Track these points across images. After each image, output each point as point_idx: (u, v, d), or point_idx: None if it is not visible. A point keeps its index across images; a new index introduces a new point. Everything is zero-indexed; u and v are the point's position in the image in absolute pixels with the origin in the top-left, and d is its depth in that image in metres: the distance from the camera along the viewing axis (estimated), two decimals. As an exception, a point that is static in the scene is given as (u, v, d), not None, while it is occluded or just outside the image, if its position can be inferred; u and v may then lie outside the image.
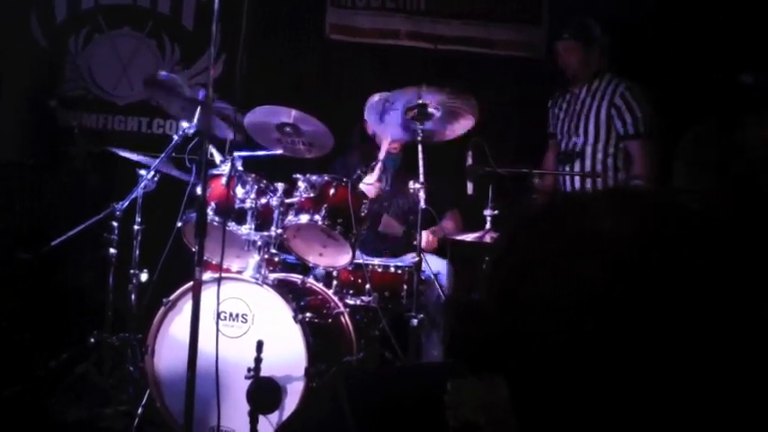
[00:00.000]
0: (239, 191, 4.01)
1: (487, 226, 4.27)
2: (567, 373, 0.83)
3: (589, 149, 4.90)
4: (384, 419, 2.65)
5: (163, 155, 4.17)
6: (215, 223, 3.85)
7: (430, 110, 4.14)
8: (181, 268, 3.84)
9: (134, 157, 4.30)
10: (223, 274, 3.76)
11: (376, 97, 4.30)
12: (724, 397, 0.80)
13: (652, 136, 4.79)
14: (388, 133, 4.55)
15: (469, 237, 4.31)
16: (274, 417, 3.62)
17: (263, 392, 3.56)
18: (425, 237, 4.49)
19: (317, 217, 4.01)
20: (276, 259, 4.30)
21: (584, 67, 4.92)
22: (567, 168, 5.00)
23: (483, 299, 0.96)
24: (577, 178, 4.98)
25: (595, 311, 0.81)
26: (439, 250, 4.79)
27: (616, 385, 0.81)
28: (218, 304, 3.45)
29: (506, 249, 0.95)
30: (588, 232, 0.86)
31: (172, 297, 3.84)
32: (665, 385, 0.79)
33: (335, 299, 4.18)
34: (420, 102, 4.09)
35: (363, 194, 4.23)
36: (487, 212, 4.28)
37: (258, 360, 3.53)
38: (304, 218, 4.02)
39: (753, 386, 0.80)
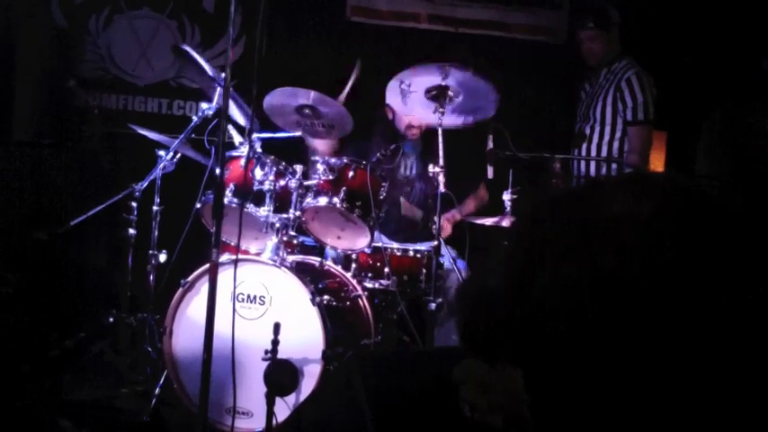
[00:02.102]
0: (258, 173, 3.99)
1: (506, 210, 4.25)
2: (581, 360, 0.81)
3: (596, 133, 4.94)
4: (398, 403, 2.65)
5: (182, 136, 4.16)
6: (233, 205, 3.85)
7: (451, 92, 4.11)
8: (199, 249, 3.84)
9: (152, 135, 4.30)
10: (241, 256, 3.76)
11: (394, 79, 4.27)
12: (736, 382, 0.79)
13: (650, 123, 4.83)
14: (412, 114, 4.54)
15: (488, 221, 4.28)
16: (291, 399, 3.63)
17: (280, 374, 3.55)
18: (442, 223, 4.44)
19: (335, 199, 3.99)
20: (294, 242, 4.30)
21: (607, 54, 4.98)
22: (577, 152, 4.99)
23: (496, 284, 0.94)
24: (584, 162, 4.95)
25: (610, 296, 0.80)
26: (453, 239, 4.75)
27: (628, 370, 0.79)
28: (235, 286, 3.43)
29: (522, 235, 0.93)
30: (605, 217, 0.85)
31: (190, 278, 3.84)
32: (679, 371, 0.78)
33: (354, 282, 4.17)
34: (442, 83, 4.07)
35: (382, 177, 4.21)
36: (506, 196, 4.26)
37: (275, 342, 3.52)
38: (323, 200, 4.01)
39: (761, 372, 0.79)
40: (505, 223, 4.16)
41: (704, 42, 5.32)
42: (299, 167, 4.06)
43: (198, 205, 4.02)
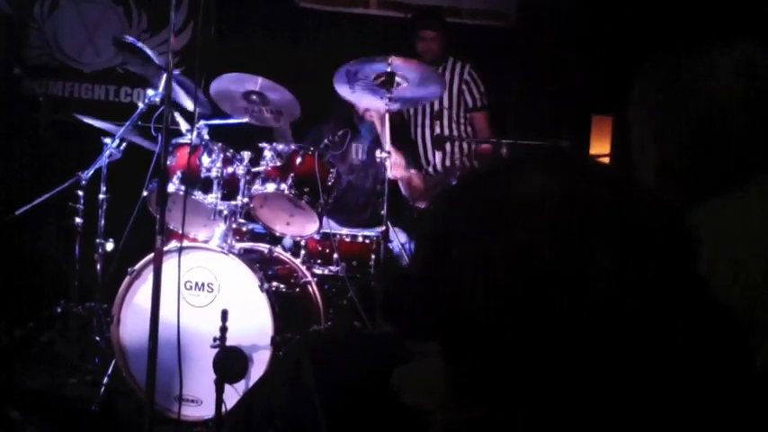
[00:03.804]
0: (205, 160, 3.98)
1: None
2: (492, 335, 0.84)
3: (446, 119, 5.36)
4: (347, 385, 2.67)
5: (128, 123, 4.13)
6: (180, 192, 3.84)
7: (398, 79, 4.12)
8: (147, 238, 3.81)
9: (99, 124, 4.26)
10: (188, 244, 3.76)
11: (342, 68, 4.27)
12: (637, 353, 0.82)
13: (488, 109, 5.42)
14: (360, 102, 4.55)
15: (433, 202, 4.31)
16: (241, 386, 3.63)
17: (230, 361, 3.56)
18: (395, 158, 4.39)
19: (283, 186, 4.00)
20: (244, 229, 4.30)
21: (439, 54, 5.36)
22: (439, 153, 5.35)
23: (414, 262, 0.97)
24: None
25: (520, 269, 0.83)
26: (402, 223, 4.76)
27: (538, 343, 0.83)
28: (180, 273, 3.42)
29: (437, 211, 0.96)
30: (517, 194, 0.87)
31: (137, 266, 3.82)
32: (584, 343, 0.81)
33: (303, 268, 4.18)
34: (389, 70, 4.08)
35: (331, 164, 4.22)
36: (454, 182, 4.28)
37: (223, 329, 3.52)
38: (271, 187, 4.01)
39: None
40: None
41: (646, 20, 5.38)
42: (246, 154, 4.05)
43: (145, 193, 4.00)
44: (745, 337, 0.96)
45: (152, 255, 3.69)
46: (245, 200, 4.03)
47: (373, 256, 4.30)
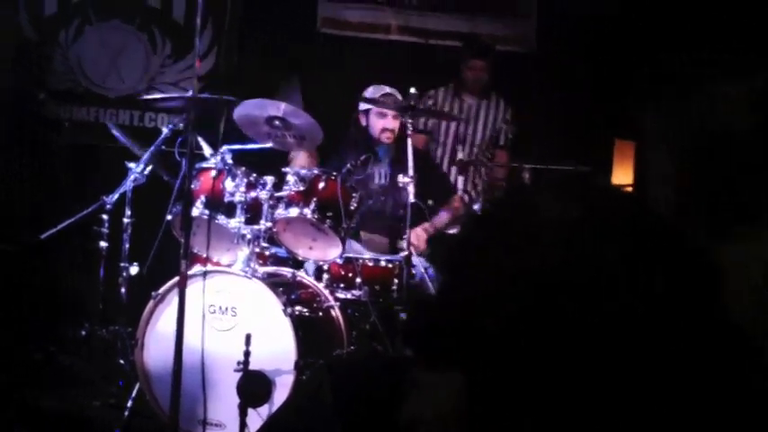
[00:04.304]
0: (229, 184, 4.00)
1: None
2: (505, 345, 0.87)
3: (467, 146, 5.46)
4: (369, 410, 2.67)
5: (152, 148, 4.17)
6: (204, 217, 3.86)
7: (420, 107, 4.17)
8: (171, 262, 3.84)
9: (125, 140, 4.30)
10: (212, 268, 3.78)
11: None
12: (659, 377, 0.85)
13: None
14: (378, 127, 4.62)
15: (457, 230, 4.32)
16: (264, 410, 3.63)
17: (253, 385, 3.57)
18: (413, 236, 4.44)
19: (306, 210, 4.01)
20: (267, 253, 4.31)
21: (487, 85, 5.47)
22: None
23: (436, 294, 1.02)
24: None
25: (539, 291, 0.87)
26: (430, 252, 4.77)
27: (554, 365, 0.86)
28: (204, 297, 3.44)
29: (456, 249, 1.00)
30: (538, 221, 0.92)
31: (161, 290, 3.84)
32: (601, 362, 0.85)
33: (326, 293, 4.19)
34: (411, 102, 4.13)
35: (353, 188, 4.24)
36: (477, 207, 4.30)
37: (247, 353, 3.54)
38: (293, 211, 4.03)
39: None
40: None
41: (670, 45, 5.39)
42: (269, 179, 4.07)
43: (169, 217, 4.02)
44: (753, 354, 0.99)
45: (176, 279, 3.73)
46: (269, 224, 4.05)
47: (396, 281, 4.30)
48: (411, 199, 4.07)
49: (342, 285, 4.36)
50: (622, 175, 5.54)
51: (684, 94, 1.74)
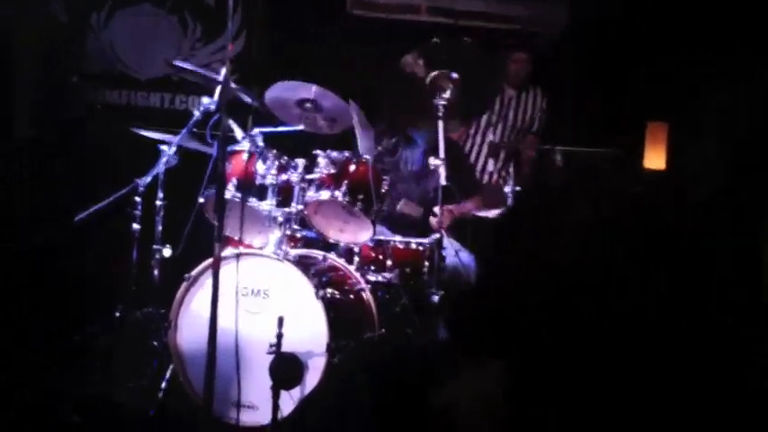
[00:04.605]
0: (260, 167, 4.01)
1: (509, 202, 4.27)
2: (532, 334, 0.92)
3: (499, 130, 5.49)
4: (401, 394, 2.68)
5: (184, 131, 4.17)
6: (236, 199, 3.87)
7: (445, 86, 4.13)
8: (203, 244, 3.85)
9: (155, 135, 4.31)
10: (244, 250, 3.79)
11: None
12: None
13: None
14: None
15: (491, 213, 4.31)
16: (296, 392, 3.65)
17: (285, 368, 3.58)
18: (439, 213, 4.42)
19: (337, 193, 4.01)
20: (298, 235, 4.32)
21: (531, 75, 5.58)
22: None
23: (475, 285, 1.09)
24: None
25: (558, 294, 0.93)
26: (454, 230, 4.76)
27: (571, 358, 0.91)
28: (237, 279, 3.46)
29: (492, 245, 1.05)
30: (565, 222, 0.98)
31: (193, 273, 3.86)
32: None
33: (357, 275, 4.19)
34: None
35: (384, 171, 4.23)
36: (508, 189, 4.28)
37: (279, 336, 3.55)
38: (325, 194, 4.03)
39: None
40: (508, 215, 4.18)
41: (704, 29, 5.33)
42: (300, 161, 4.08)
43: (201, 200, 4.04)
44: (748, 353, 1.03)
45: (209, 261, 3.75)
46: (300, 207, 4.05)
47: (427, 264, 4.30)
48: (442, 181, 4.05)
49: (372, 268, 4.36)
50: (655, 157, 5.50)
51: (734, 82, 1.78)
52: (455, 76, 4.15)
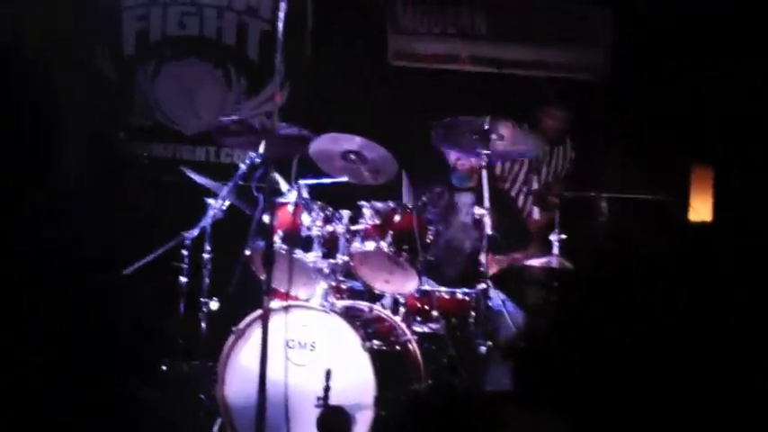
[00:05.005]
0: (305, 218, 4.04)
1: (554, 251, 4.23)
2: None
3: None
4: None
5: (231, 183, 4.22)
6: (282, 251, 3.88)
7: (493, 136, 4.14)
8: (248, 296, 3.87)
9: (202, 180, 4.36)
10: (292, 302, 3.79)
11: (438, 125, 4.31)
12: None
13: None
14: (453, 155, 4.62)
15: (536, 261, 4.28)
16: (343, 445, 3.62)
17: (334, 421, 3.56)
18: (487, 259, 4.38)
19: (382, 244, 4.01)
20: (343, 286, 4.32)
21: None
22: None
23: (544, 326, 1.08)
24: None
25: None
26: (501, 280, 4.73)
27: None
28: (287, 332, 3.46)
29: (581, 272, 1.08)
30: (639, 258, 1.02)
31: (241, 325, 3.87)
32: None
33: (403, 326, 4.17)
34: (485, 128, 4.10)
35: (429, 220, 4.23)
36: (554, 237, 4.25)
37: (327, 388, 3.54)
38: (370, 245, 4.03)
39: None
40: (554, 264, 4.15)
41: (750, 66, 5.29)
42: (345, 212, 4.09)
43: (247, 252, 4.06)
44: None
45: (256, 314, 3.76)
46: (345, 258, 4.06)
47: (473, 313, 4.27)
48: (488, 230, 4.03)
49: (418, 318, 4.33)
50: (701, 201, 5.45)
51: None
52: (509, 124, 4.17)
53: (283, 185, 4.20)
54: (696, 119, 5.51)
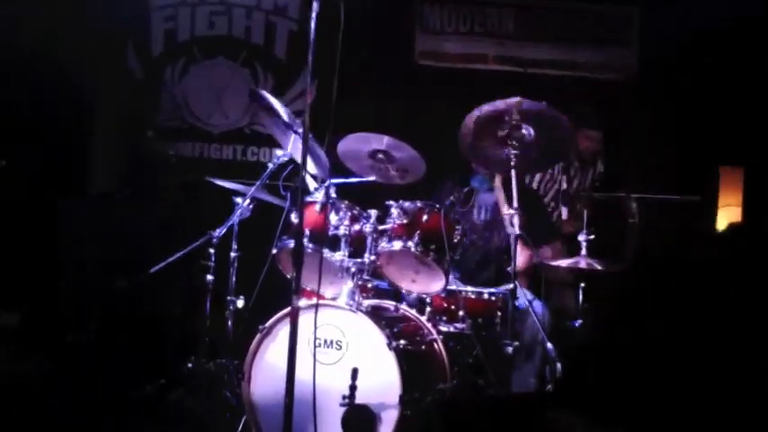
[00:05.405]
0: (333, 218, 4.03)
1: (582, 252, 4.20)
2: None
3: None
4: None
5: (258, 182, 4.23)
6: (309, 250, 3.89)
7: (523, 131, 4.09)
8: (276, 294, 3.87)
9: (229, 185, 4.37)
10: (320, 301, 3.79)
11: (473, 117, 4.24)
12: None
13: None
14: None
15: (564, 262, 4.25)
16: (369, 444, 3.61)
17: (358, 420, 3.56)
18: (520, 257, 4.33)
19: (410, 243, 4.00)
20: (370, 286, 4.32)
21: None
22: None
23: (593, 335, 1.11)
24: None
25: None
26: (527, 278, 4.71)
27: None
28: (315, 331, 3.46)
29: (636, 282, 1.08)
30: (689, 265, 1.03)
31: (267, 324, 3.87)
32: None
33: (429, 326, 4.16)
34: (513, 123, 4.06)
35: (456, 221, 4.21)
36: (582, 237, 4.22)
37: (353, 387, 3.53)
38: (397, 244, 4.02)
39: None
40: (582, 264, 4.12)
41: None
42: (373, 212, 4.09)
43: (274, 251, 4.07)
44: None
45: (282, 312, 3.76)
46: (372, 257, 4.05)
47: (499, 314, 4.25)
48: (516, 230, 4.00)
49: (444, 318, 4.32)
50: (730, 202, 5.40)
51: None
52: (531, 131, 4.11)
53: (311, 184, 4.21)
54: (725, 119, 5.46)
